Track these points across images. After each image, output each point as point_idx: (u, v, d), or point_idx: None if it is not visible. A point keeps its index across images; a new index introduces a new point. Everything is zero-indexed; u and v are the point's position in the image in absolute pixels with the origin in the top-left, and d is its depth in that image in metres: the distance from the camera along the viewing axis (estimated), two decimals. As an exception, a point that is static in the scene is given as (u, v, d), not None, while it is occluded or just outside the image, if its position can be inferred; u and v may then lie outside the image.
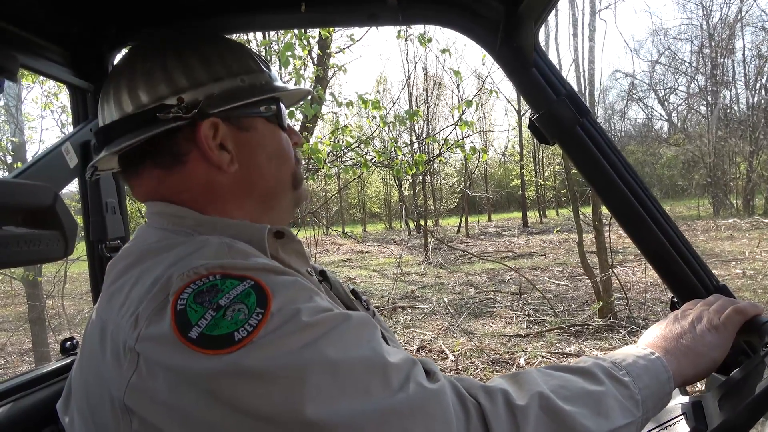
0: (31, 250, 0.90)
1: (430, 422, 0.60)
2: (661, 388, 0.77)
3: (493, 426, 0.63)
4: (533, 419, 0.65)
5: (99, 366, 0.66)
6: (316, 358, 0.60)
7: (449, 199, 27.33)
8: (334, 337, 0.62)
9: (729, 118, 23.59)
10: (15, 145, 6.78)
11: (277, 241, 0.83)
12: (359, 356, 0.62)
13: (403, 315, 7.45)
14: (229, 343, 0.59)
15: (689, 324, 0.87)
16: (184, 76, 0.81)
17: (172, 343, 0.59)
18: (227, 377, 0.58)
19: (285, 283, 0.68)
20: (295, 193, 0.93)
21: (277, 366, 0.58)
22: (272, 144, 0.88)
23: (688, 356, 0.83)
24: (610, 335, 5.62)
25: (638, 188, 1.09)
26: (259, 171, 0.86)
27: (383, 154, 5.39)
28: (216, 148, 0.81)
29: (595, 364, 0.76)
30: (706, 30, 25.11)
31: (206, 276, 0.65)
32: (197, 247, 0.71)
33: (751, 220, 15.75)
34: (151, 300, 0.64)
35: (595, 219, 6.36)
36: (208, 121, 0.79)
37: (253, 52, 0.92)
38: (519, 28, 1.06)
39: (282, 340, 0.60)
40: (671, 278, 1.09)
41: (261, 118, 0.87)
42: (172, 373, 0.59)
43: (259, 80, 0.87)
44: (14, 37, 1.07)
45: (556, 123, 1.10)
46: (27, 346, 7.20)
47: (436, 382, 0.64)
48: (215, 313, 0.61)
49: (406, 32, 5.58)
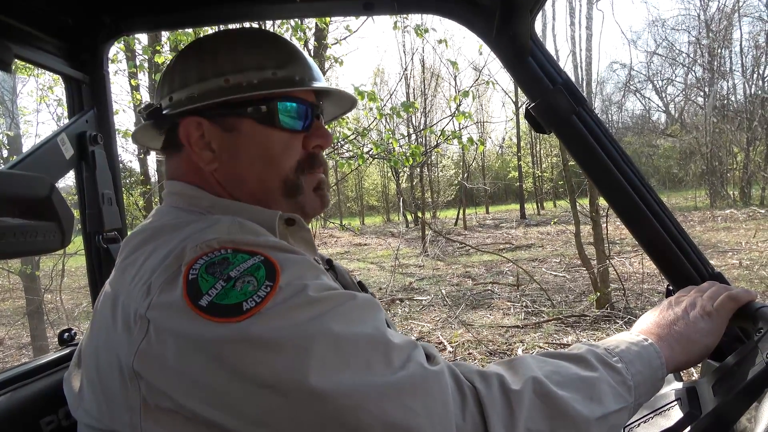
0: (28, 241, 0.89)
1: (429, 401, 0.61)
2: (654, 373, 0.78)
3: (488, 409, 0.64)
4: (527, 403, 0.66)
5: (110, 335, 0.68)
6: (321, 331, 0.61)
7: (447, 192, 27.30)
8: (339, 313, 0.64)
9: (726, 109, 23.58)
10: (10, 138, 6.75)
11: (288, 228, 0.85)
12: (363, 333, 0.64)
13: (401, 307, 7.46)
14: (237, 312, 0.61)
15: (682, 310, 0.88)
16: (179, 77, 0.87)
17: (182, 310, 0.62)
18: (234, 344, 0.60)
19: (293, 260, 0.70)
20: (293, 202, 0.88)
21: (283, 336, 0.60)
22: (257, 146, 0.85)
23: (680, 342, 0.83)
24: (607, 326, 5.65)
25: (634, 177, 1.09)
26: (237, 172, 0.86)
27: (380, 146, 5.38)
28: (198, 146, 0.86)
29: (589, 351, 0.77)
30: (703, 20, 25.06)
31: (218, 249, 0.68)
32: (210, 224, 0.74)
33: (748, 210, 15.79)
34: (164, 270, 0.66)
35: (593, 210, 6.37)
36: (190, 120, 0.85)
37: (273, 48, 0.88)
38: (515, 16, 1.06)
39: (289, 312, 0.62)
40: (667, 266, 1.10)
41: (248, 119, 0.85)
42: (181, 339, 0.61)
43: (248, 79, 0.84)
44: (9, 28, 1.06)
45: (553, 112, 1.10)
46: (25, 340, 7.21)
47: (436, 365, 0.65)
48: (226, 284, 0.63)
49: (402, 23, 5.55)
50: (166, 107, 0.87)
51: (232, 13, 1.28)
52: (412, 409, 0.60)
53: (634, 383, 0.75)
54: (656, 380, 0.78)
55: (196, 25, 1.42)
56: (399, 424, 0.60)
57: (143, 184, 8.96)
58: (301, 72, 0.88)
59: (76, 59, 1.27)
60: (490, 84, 7.30)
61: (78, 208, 1.31)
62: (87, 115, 1.27)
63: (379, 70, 32.72)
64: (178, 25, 1.56)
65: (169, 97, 0.87)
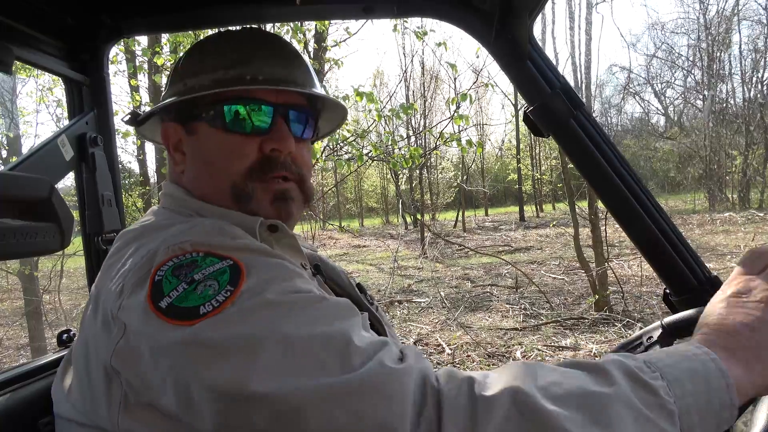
0: (28, 242, 0.90)
1: (382, 402, 0.56)
2: (714, 399, 0.58)
3: (445, 413, 0.56)
4: (500, 414, 0.55)
5: (93, 332, 0.69)
6: (271, 333, 0.59)
7: (446, 194, 27.31)
8: (297, 315, 0.62)
9: (725, 112, 23.61)
10: (10, 139, 6.75)
11: (272, 235, 0.84)
12: (320, 333, 0.60)
13: (400, 309, 7.46)
14: (193, 316, 0.61)
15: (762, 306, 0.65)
16: (167, 83, 0.92)
17: (144, 311, 0.63)
18: (187, 348, 0.59)
19: (265, 264, 0.69)
20: (245, 210, 0.83)
21: (231, 340, 0.59)
22: (208, 150, 0.85)
23: (762, 357, 0.62)
24: (606, 328, 5.65)
25: (631, 180, 1.10)
26: (196, 176, 0.88)
27: (380, 148, 5.39)
28: (174, 149, 0.90)
29: (615, 361, 0.61)
30: (702, 24, 25.12)
31: (190, 252, 0.68)
32: (192, 226, 0.74)
33: (747, 213, 15.81)
34: (137, 271, 0.68)
35: (591, 213, 6.37)
36: (168, 124, 0.89)
37: (233, 49, 0.86)
38: (514, 20, 1.06)
39: (243, 316, 0.61)
40: (663, 269, 1.10)
41: (203, 122, 0.85)
42: (147, 340, 0.62)
43: (201, 81, 0.84)
44: (9, 30, 1.07)
45: (551, 116, 1.10)
46: (24, 340, 7.19)
47: (402, 364, 0.59)
48: (188, 286, 0.63)
49: (402, 25, 5.56)
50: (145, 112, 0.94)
51: (232, 15, 1.28)
52: (359, 412, 0.55)
53: (680, 408, 0.57)
54: (718, 408, 0.58)
55: (196, 27, 1.43)
56: (343, 430, 0.55)
57: (142, 185, 8.96)
58: (256, 71, 0.83)
59: (76, 61, 1.27)
60: (489, 86, 7.31)
61: (77, 210, 1.32)
62: (87, 116, 1.27)
63: (379, 72, 32.76)
64: (178, 27, 1.56)
65: None
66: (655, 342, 0.97)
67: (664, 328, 0.98)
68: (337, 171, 7.44)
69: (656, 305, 6.40)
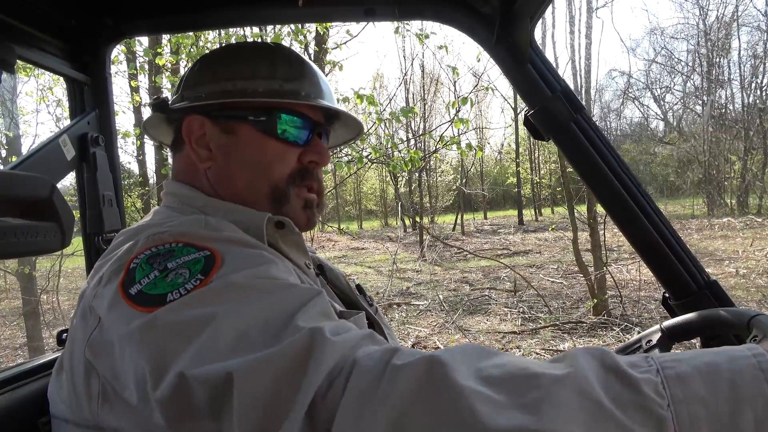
0: (29, 241, 0.90)
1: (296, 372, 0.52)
2: (746, 409, 0.45)
3: (351, 378, 0.52)
4: (409, 381, 0.49)
5: (75, 326, 0.70)
6: (228, 315, 0.57)
7: (445, 197, 27.31)
8: (257, 300, 0.60)
9: (724, 118, 23.68)
10: (9, 138, 6.75)
11: (278, 231, 0.85)
12: (274, 323, 0.57)
13: (398, 312, 7.46)
14: (159, 303, 0.60)
15: None
16: (195, 77, 0.91)
17: (114, 298, 0.63)
18: (143, 332, 0.59)
19: (243, 254, 0.69)
20: (278, 211, 0.87)
21: (189, 321, 0.58)
22: (252, 152, 0.87)
23: None
24: (604, 332, 5.65)
25: (631, 184, 1.10)
26: (228, 174, 0.88)
27: (380, 151, 5.39)
28: (198, 143, 0.89)
29: (594, 350, 0.52)
30: (702, 29, 25.17)
31: (169, 242, 0.68)
32: (177, 222, 0.76)
33: (745, 219, 15.82)
34: (116, 261, 0.68)
35: (590, 217, 6.38)
36: (194, 117, 0.88)
37: (286, 62, 0.90)
38: (515, 24, 1.07)
39: (204, 297, 0.60)
40: (662, 274, 1.11)
41: (248, 125, 0.87)
42: (117, 329, 0.61)
43: (254, 86, 0.86)
44: (12, 29, 1.07)
45: (551, 119, 1.11)
46: (21, 340, 7.18)
47: (336, 338, 0.56)
48: (159, 274, 0.63)
49: (404, 28, 5.57)
50: (174, 102, 0.91)
51: (234, 16, 1.29)
52: (277, 382, 0.52)
53: (678, 416, 0.45)
54: (752, 425, 0.45)
55: (197, 28, 1.44)
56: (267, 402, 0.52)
57: (142, 185, 8.96)
58: (308, 88, 0.90)
59: (78, 61, 1.27)
60: (489, 90, 7.32)
61: (78, 209, 1.32)
62: (89, 116, 1.28)
63: (379, 75, 32.81)
64: (179, 28, 1.57)
65: (181, 94, 0.91)
66: (654, 345, 0.97)
67: (663, 331, 0.98)
68: (337, 173, 7.43)
69: (654, 309, 6.40)
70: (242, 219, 0.82)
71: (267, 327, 0.57)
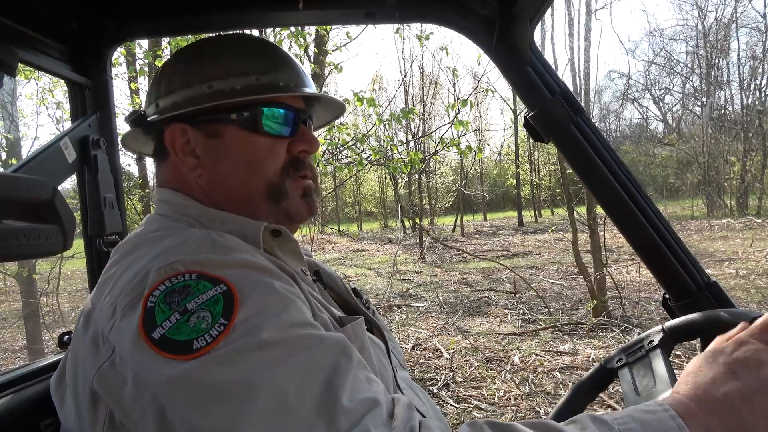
0: (30, 244, 0.90)
1: None
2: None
3: None
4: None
5: (83, 346, 0.69)
6: (266, 383, 0.57)
7: (445, 198, 27.31)
8: (292, 363, 0.60)
9: (723, 119, 23.70)
10: (9, 141, 6.75)
11: (274, 239, 0.85)
12: (312, 390, 0.58)
13: (398, 313, 7.45)
14: (186, 350, 0.59)
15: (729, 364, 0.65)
16: (165, 84, 0.88)
17: (137, 340, 0.61)
18: (178, 385, 0.58)
19: (259, 287, 0.67)
20: (277, 207, 0.87)
21: (224, 384, 0.57)
22: (241, 152, 0.86)
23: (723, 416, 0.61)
24: (604, 334, 5.65)
25: (631, 186, 1.11)
26: (221, 178, 0.87)
27: (379, 153, 5.40)
28: (183, 152, 0.87)
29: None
30: (701, 31, 25.22)
31: (183, 273, 0.66)
32: (181, 241, 0.73)
33: (745, 220, 15.83)
34: (129, 292, 0.67)
35: (590, 218, 6.38)
36: (175, 126, 0.86)
37: (259, 54, 0.88)
38: (514, 26, 1.07)
39: (237, 357, 0.59)
40: (662, 274, 1.11)
41: (232, 125, 0.85)
42: (135, 369, 0.61)
43: (231, 85, 0.84)
44: (14, 33, 1.08)
45: (551, 121, 1.11)
46: (21, 343, 7.17)
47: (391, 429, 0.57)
48: (180, 317, 0.62)
49: (404, 30, 5.59)
50: (151, 114, 0.88)
51: (235, 19, 1.29)
52: None
53: None
54: None
55: (198, 31, 1.44)
56: None
57: (141, 188, 8.96)
58: (286, 78, 0.88)
59: (79, 64, 1.28)
60: (489, 92, 7.33)
61: (79, 212, 1.32)
62: (90, 119, 1.28)
63: (378, 77, 32.83)
64: (180, 31, 1.57)
65: (155, 104, 0.88)
66: (656, 346, 0.98)
67: (665, 332, 0.99)
68: (337, 175, 7.44)
69: (654, 311, 6.40)
70: (238, 228, 0.81)
71: (303, 396, 0.57)
